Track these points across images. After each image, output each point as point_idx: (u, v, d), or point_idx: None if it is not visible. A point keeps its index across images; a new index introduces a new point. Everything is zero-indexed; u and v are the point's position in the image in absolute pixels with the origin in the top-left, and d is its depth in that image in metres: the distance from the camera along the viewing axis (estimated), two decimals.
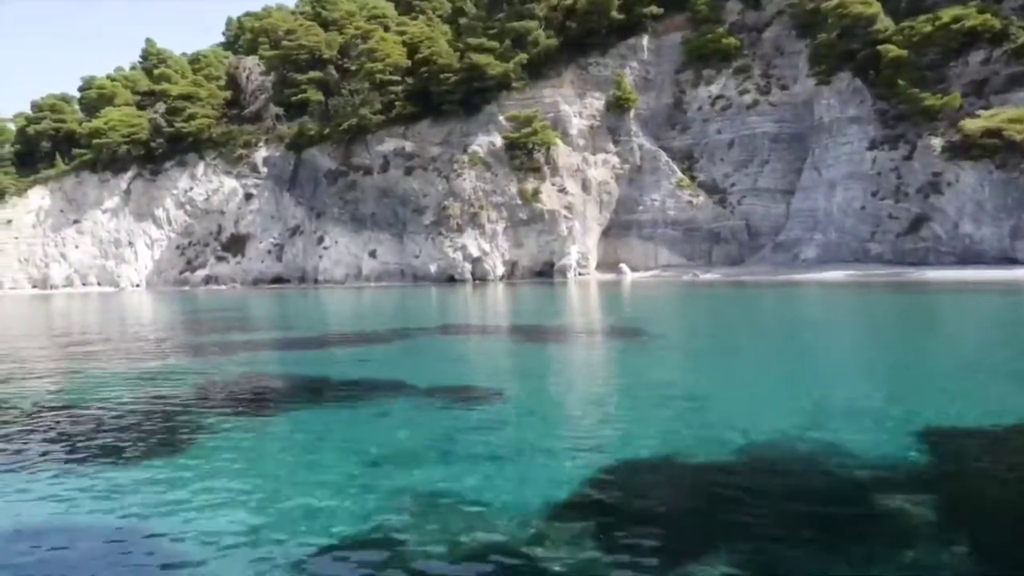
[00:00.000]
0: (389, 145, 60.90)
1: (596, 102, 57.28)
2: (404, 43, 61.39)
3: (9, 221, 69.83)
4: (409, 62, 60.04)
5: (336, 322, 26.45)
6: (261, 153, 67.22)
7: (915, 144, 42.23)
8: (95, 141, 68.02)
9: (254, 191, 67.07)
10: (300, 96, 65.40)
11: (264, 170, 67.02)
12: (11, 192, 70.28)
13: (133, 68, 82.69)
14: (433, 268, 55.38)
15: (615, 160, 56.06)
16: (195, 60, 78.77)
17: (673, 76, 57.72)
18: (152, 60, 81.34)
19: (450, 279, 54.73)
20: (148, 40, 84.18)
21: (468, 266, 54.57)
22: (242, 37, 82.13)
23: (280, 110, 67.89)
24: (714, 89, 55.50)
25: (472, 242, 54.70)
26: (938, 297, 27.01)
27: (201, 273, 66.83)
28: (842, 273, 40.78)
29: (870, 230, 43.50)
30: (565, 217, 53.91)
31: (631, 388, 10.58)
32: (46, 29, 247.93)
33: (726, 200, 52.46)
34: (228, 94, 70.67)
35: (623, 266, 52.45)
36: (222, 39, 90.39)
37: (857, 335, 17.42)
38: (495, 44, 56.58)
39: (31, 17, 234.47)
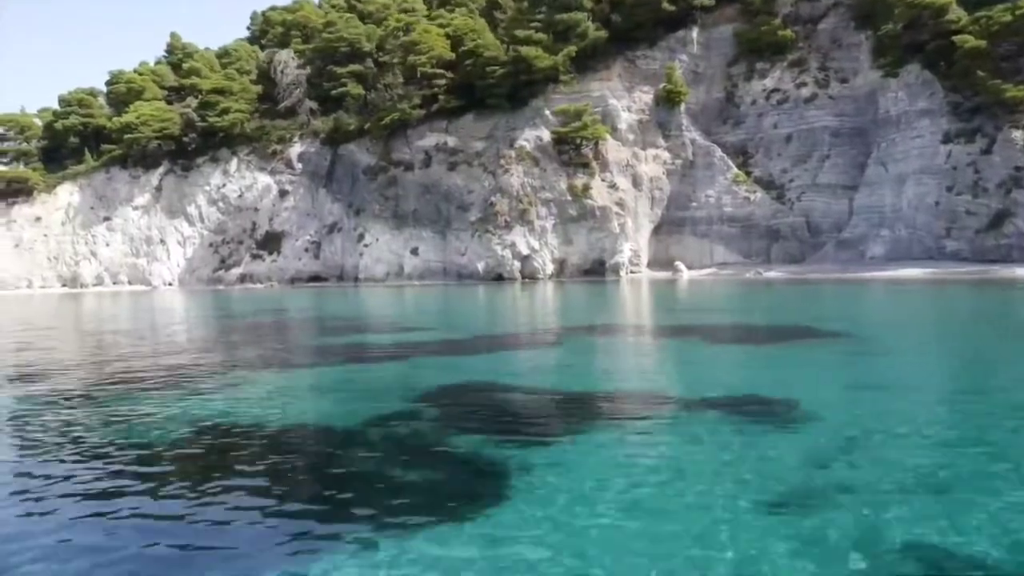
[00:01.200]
0: (430, 140, 59.52)
1: (645, 96, 55.88)
2: (447, 35, 59.89)
3: (38, 218, 68.40)
4: (453, 55, 58.55)
5: (466, 323, 23.82)
6: (296, 148, 65.80)
7: (994, 137, 40.88)
8: (126, 136, 66.57)
9: (289, 187, 65.69)
10: (339, 90, 63.93)
11: (299, 166, 65.61)
12: (39, 189, 68.70)
13: (158, 63, 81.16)
14: (480, 266, 53.98)
15: (666, 155, 54.66)
16: (223, 54, 77.17)
17: (724, 69, 56.33)
18: (178, 54, 79.74)
19: (498, 277, 53.33)
20: (173, 34, 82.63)
21: (517, 264, 53.19)
22: (270, 31, 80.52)
23: (314, 104, 66.48)
24: (768, 82, 54.11)
25: (521, 239, 53.31)
26: None
27: (236, 271, 65.43)
28: (919, 271, 39.38)
29: (945, 226, 42.13)
30: (616, 214, 52.50)
31: (952, 400, 9.18)
32: (57, 26, 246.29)
33: (784, 196, 51.05)
34: (260, 88, 69.21)
35: (679, 264, 51.03)
36: (247, 33, 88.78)
37: None
38: (543, 36, 55.15)
39: (39, 15, 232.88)
